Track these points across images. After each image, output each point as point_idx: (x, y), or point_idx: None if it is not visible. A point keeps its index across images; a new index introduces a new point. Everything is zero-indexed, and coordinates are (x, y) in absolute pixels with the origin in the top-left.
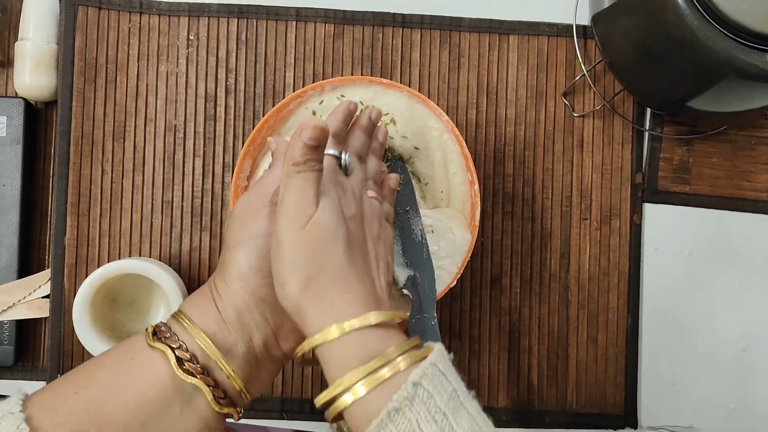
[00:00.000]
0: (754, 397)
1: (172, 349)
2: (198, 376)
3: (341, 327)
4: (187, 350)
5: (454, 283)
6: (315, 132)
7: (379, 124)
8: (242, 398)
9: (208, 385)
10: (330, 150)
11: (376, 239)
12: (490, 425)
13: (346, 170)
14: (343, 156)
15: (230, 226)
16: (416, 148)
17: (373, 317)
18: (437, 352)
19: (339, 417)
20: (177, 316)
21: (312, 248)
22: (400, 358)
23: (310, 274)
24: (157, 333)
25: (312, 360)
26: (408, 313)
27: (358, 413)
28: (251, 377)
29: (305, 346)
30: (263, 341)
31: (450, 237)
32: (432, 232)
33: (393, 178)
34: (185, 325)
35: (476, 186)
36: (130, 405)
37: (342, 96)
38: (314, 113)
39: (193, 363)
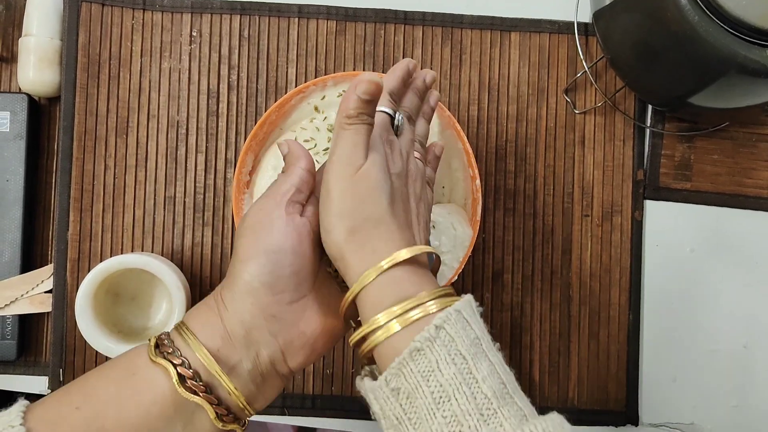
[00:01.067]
0: (755, 393)
1: (175, 366)
2: (200, 395)
3: (378, 267)
4: (189, 367)
5: (456, 277)
6: (369, 86)
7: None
8: (245, 413)
9: (211, 403)
10: (385, 108)
11: (418, 198)
12: (510, 375)
13: (396, 130)
14: (396, 116)
15: (242, 235)
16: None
17: (404, 252)
18: (465, 300)
19: (370, 361)
20: (180, 328)
21: (359, 198)
22: (431, 302)
23: (354, 224)
24: (160, 346)
25: (354, 313)
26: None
27: (387, 351)
28: (256, 394)
29: (348, 297)
30: (270, 358)
31: (451, 232)
32: (433, 227)
33: (438, 146)
34: (188, 339)
35: (477, 181)
36: (132, 422)
37: (344, 92)
38: (316, 109)
39: (196, 381)
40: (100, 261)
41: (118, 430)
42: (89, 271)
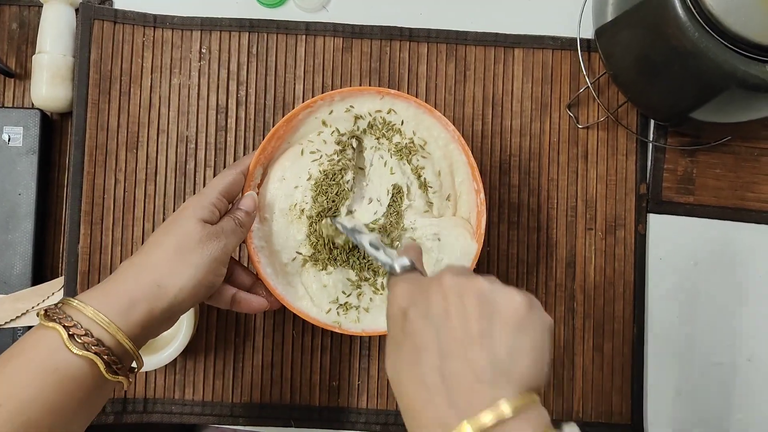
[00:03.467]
0: (760, 406)
1: (66, 327)
2: (92, 348)
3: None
4: (80, 327)
5: None
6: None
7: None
8: (134, 357)
9: (103, 355)
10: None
11: None
12: None
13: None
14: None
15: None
16: (424, 152)
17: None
18: None
19: None
20: (66, 300)
21: None
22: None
23: None
24: (49, 314)
25: None
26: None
27: None
28: (140, 337)
29: None
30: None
31: (456, 246)
32: (438, 240)
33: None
34: (74, 303)
35: (482, 195)
36: (56, 409)
37: (351, 107)
38: (324, 123)
39: (88, 336)
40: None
41: (44, 419)
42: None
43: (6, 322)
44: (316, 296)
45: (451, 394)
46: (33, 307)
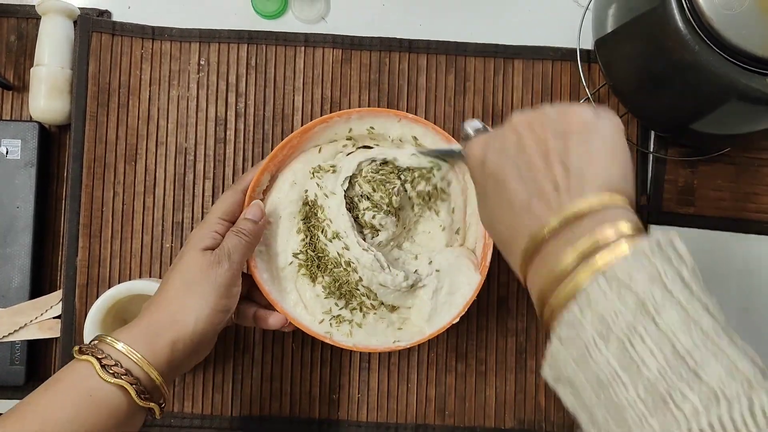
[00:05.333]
0: None
1: (98, 359)
2: (122, 378)
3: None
4: (111, 358)
5: (458, 319)
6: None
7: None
8: (162, 392)
9: (131, 384)
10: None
11: None
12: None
13: None
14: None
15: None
16: (444, 195)
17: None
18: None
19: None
20: (100, 337)
21: None
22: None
23: None
24: (83, 350)
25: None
26: None
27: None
28: (169, 372)
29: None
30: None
31: (459, 277)
32: (437, 271)
33: None
34: (106, 339)
35: None
36: None
37: (372, 128)
38: (349, 138)
39: (119, 366)
40: (109, 287)
41: None
42: (98, 296)
43: (4, 336)
44: (310, 305)
45: (533, 205)
46: (31, 321)
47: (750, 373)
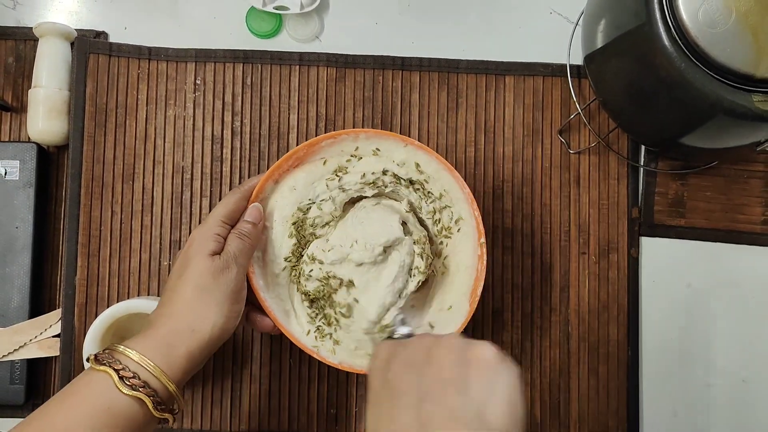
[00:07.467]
0: (755, 426)
1: (116, 370)
2: (140, 390)
3: None
4: (129, 370)
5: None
6: None
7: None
8: (176, 400)
9: (149, 396)
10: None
11: None
12: None
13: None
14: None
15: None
16: (444, 206)
17: None
18: None
19: None
20: (113, 347)
21: None
22: None
23: None
24: (99, 359)
25: None
26: None
27: None
28: (182, 378)
29: None
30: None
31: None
32: (432, 327)
33: None
34: (123, 350)
35: (485, 260)
36: None
37: (377, 149)
38: (353, 155)
39: (137, 379)
40: (108, 305)
41: None
42: (97, 315)
43: (4, 355)
44: (299, 311)
45: None
46: (31, 340)
47: None
